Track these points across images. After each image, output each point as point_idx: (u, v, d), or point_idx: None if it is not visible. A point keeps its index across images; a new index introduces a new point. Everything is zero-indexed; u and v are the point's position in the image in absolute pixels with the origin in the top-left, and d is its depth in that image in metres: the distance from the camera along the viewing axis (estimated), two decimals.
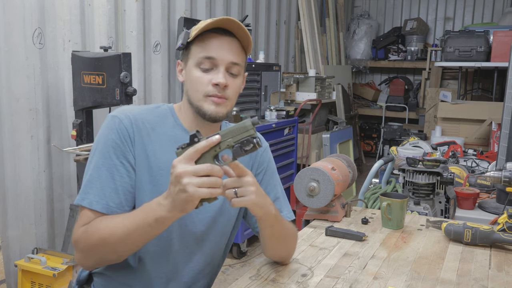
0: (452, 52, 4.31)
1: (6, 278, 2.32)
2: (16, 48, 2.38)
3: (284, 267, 1.26)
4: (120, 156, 1.08)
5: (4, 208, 2.41)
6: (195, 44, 1.12)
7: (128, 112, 1.12)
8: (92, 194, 1.06)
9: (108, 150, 1.08)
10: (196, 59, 1.11)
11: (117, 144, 1.08)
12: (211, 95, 1.10)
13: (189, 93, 1.13)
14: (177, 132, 1.15)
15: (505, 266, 1.27)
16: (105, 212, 1.06)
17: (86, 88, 2.42)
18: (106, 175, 1.07)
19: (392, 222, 1.54)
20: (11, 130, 2.39)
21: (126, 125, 1.10)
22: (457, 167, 2.54)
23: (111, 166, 1.07)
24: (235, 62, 1.11)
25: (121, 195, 1.08)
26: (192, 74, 1.11)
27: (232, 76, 1.12)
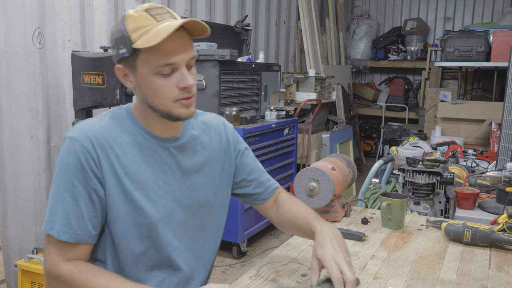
0: (452, 52, 4.31)
1: (6, 278, 2.32)
2: (16, 48, 2.38)
3: (284, 267, 1.26)
4: (83, 181, 1.03)
5: (4, 208, 2.41)
6: (144, 51, 1.01)
7: (87, 131, 1.05)
8: (58, 224, 1.02)
9: (70, 176, 1.03)
10: (152, 68, 1.01)
11: (78, 169, 1.03)
12: (180, 99, 1.04)
13: (151, 100, 1.05)
14: (138, 136, 1.10)
15: (505, 266, 1.27)
16: (73, 241, 1.03)
17: (86, 88, 2.42)
18: (70, 202, 1.02)
19: (392, 222, 1.54)
20: (11, 130, 2.39)
21: (87, 148, 1.03)
22: (457, 167, 2.54)
23: (75, 193, 1.03)
24: (193, 57, 1.06)
25: (87, 222, 1.04)
26: (151, 82, 1.03)
27: (191, 69, 1.07)
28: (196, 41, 3.26)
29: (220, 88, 3.09)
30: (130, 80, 1.07)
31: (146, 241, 1.10)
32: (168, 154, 1.13)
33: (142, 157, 1.09)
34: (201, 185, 1.18)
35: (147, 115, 1.10)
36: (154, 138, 1.11)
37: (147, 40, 0.98)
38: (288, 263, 1.28)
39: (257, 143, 3.23)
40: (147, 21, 0.99)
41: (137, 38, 0.99)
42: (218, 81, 3.07)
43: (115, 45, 1.04)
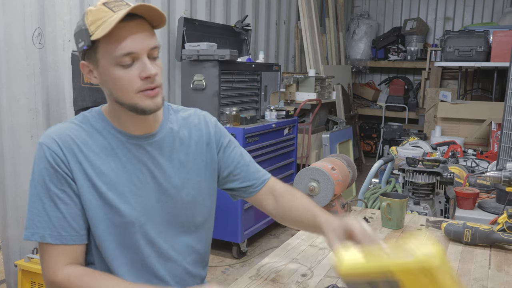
0: (452, 52, 4.31)
1: (6, 278, 2.32)
2: (16, 48, 2.38)
3: (284, 267, 1.26)
4: (57, 183, 1.03)
5: (4, 208, 2.41)
6: (102, 42, 1.00)
7: (54, 135, 1.05)
8: (41, 228, 1.02)
9: (44, 180, 1.03)
10: (112, 59, 1.00)
11: (51, 173, 1.03)
12: (143, 90, 1.02)
13: (116, 94, 1.04)
14: (109, 136, 1.09)
15: (505, 266, 1.27)
16: (59, 243, 1.03)
17: (86, 88, 2.42)
18: (50, 205, 1.03)
19: (392, 222, 1.54)
20: (11, 130, 2.39)
21: (55, 150, 1.04)
22: (457, 167, 2.54)
23: (52, 195, 1.03)
24: (154, 46, 1.03)
25: (71, 222, 1.04)
26: (113, 74, 1.01)
27: (155, 59, 1.04)
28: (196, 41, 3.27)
29: (220, 88, 3.09)
30: (95, 75, 1.06)
31: (125, 242, 1.09)
32: (143, 152, 1.11)
33: (115, 157, 1.08)
34: (183, 182, 1.15)
35: (117, 112, 1.08)
36: (126, 136, 1.10)
37: (102, 30, 0.98)
38: (288, 263, 1.28)
39: (257, 143, 3.23)
40: (103, 13, 0.99)
41: (94, 30, 0.99)
42: (218, 81, 3.07)
43: (76, 41, 1.05)
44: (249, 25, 4.00)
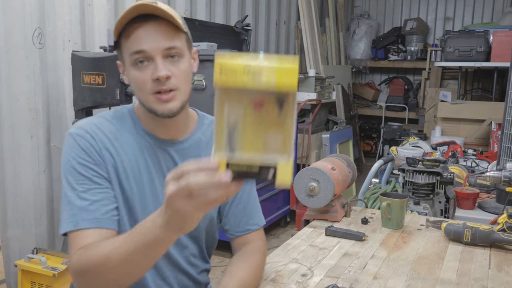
0: (452, 52, 4.31)
1: (6, 278, 2.32)
2: (16, 48, 2.38)
3: (284, 267, 1.26)
4: (91, 170, 1.02)
5: (4, 208, 2.41)
6: (123, 40, 1.01)
7: (86, 127, 1.05)
8: (76, 216, 0.99)
9: (77, 168, 1.01)
10: (129, 58, 1.00)
11: (85, 160, 1.02)
12: (156, 92, 1.00)
13: (137, 94, 1.04)
14: (138, 136, 1.08)
15: (505, 266, 1.27)
16: (94, 226, 0.98)
17: (86, 88, 2.42)
18: (84, 193, 1.00)
19: (392, 222, 1.54)
20: (11, 130, 2.40)
21: (88, 139, 1.03)
22: (457, 167, 2.54)
23: (86, 182, 1.01)
24: (170, 47, 0.99)
25: (106, 205, 1.01)
26: (131, 74, 1.02)
27: (174, 61, 1.01)
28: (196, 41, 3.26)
29: None
30: (125, 75, 1.06)
31: None
32: (168, 157, 1.10)
33: (142, 158, 1.07)
34: None
35: (145, 113, 1.08)
36: (153, 139, 1.09)
37: (116, 30, 0.99)
38: (288, 263, 1.28)
39: None
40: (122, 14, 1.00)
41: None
42: None
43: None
44: (249, 25, 4.00)
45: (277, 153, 0.65)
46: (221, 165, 0.65)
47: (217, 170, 0.65)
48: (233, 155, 0.65)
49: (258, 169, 0.65)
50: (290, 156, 0.65)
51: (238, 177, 0.66)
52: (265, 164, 0.64)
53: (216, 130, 0.65)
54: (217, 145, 0.65)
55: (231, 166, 0.65)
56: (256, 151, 0.65)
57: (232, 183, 0.65)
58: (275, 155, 0.65)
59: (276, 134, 0.65)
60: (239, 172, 0.65)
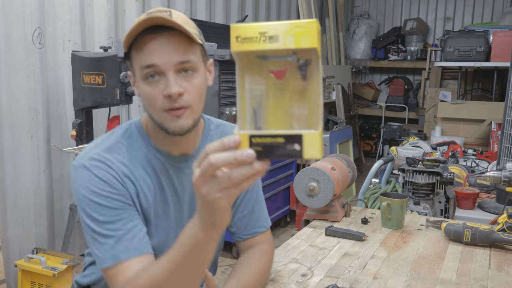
0: (452, 52, 4.31)
1: (6, 278, 2.32)
2: (16, 48, 2.38)
3: (284, 267, 1.26)
4: (117, 201, 0.96)
5: (4, 208, 2.41)
6: (133, 51, 0.95)
7: (99, 157, 0.99)
8: (114, 249, 0.93)
9: (101, 201, 0.95)
10: (139, 71, 0.95)
11: (109, 192, 0.96)
12: (167, 109, 0.94)
13: (147, 109, 0.99)
14: (150, 155, 1.03)
15: (505, 266, 1.27)
16: (135, 254, 0.93)
17: (86, 88, 2.42)
18: (115, 224, 0.95)
19: (392, 222, 1.54)
20: (11, 130, 2.40)
21: (107, 170, 0.97)
22: (457, 167, 2.54)
23: (114, 213, 0.95)
24: (183, 61, 0.93)
25: (140, 231, 0.97)
26: (141, 89, 0.96)
27: (188, 76, 0.95)
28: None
29: (220, 88, 3.09)
30: (135, 87, 1.01)
31: None
32: (181, 175, 1.06)
33: (156, 178, 1.03)
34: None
35: (155, 128, 1.02)
36: (165, 157, 1.04)
37: (126, 41, 0.95)
38: (288, 263, 1.28)
39: None
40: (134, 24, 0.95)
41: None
42: (218, 81, 3.06)
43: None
44: None
45: (303, 127, 0.61)
46: (243, 140, 0.61)
47: (239, 147, 0.61)
48: (257, 131, 0.62)
49: (283, 140, 0.60)
50: (318, 129, 0.60)
51: (264, 154, 0.61)
52: (290, 134, 0.60)
53: (239, 107, 0.62)
54: (241, 123, 0.63)
55: (254, 141, 0.61)
56: (282, 126, 0.62)
57: (257, 161, 0.61)
58: (301, 129, 0.61)
59: (301, 105, 0.61)
60: (264, 146, 0.60)
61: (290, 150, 0.60)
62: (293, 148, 0.60)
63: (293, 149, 0.60)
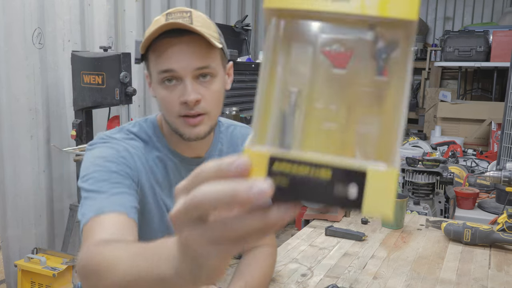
0: (452, 52, 4.31)
1: (6, 278, 2.32)
2: (16, 48, 2.38)
3: (284, 267, 1.26)
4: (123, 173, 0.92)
5: (4, 208, 2.41)
6: (151, 54, 0.93)
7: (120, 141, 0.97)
8: (100, 203, 0.87)
9: (110, 166, 0.91)
10: (156, 75, 0.93)
11: (122, 163, 0.93)
12: (183, 115, 0.92)
13: (163, 112, 0.98)
14: (163, 156, 1.01)
15: (505, 266, 1.27)
16: (117, 209, 0.85)
17: (86, 88, 2.42)
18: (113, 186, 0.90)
19: (392, 222, 1.54)
20: (10, 130, 2.39)
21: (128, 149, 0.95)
22: (456, 167, 2.54)
23: (116, 177, 0.91)
24: (201, 67, 0.91)
25: (132, 201, 0.90)
26: (158, 93, 0.94)
27: (206, 81, 0.93)
28: None
29: None
30: (152, 87, 0.98)
31: None
32: None
33: (166, 176, 1.02)
34: None
35: (169, 131, 1.00)
36: (178, 158, 1.02)
37: (143, 45, 0.93)
38: (288, 263, 1.28)
39: None
40: (153, 26, 0.92)
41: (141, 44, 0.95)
42: None
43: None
44: (249, 25, 4.00)
45: (368, 157, 0.35)
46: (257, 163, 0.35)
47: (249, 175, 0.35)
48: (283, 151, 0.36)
49: (329, 175, 0.34)
50: (394, 164, 0.34)
51: (290, 193, 0.35)
52: (345, 166, 0.34)
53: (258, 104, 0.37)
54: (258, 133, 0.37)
55: (276, 168, 0.35)
56: (329, 150, 0.36)
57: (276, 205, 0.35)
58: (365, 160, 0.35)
59: (370, 119, 0.36)
60: (293, 178, 0.35)
61: (339, 195, 0.34)
62: (345, 192, 0.34)
63: (345, 195, 0.34)
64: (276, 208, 0.35)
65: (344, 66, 0.36)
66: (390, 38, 0.36)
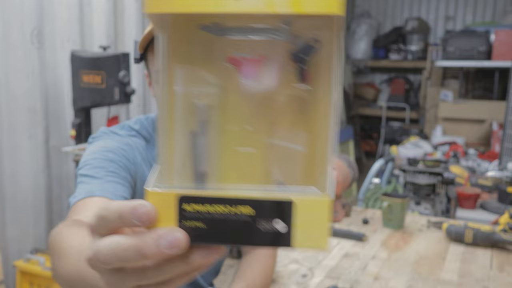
0: (453, 51, 4.29)
1: (4, 278, 2.31)
2: (15, 47, 2.37)
3: (284, 267, 1.25)
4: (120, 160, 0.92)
5: (2, 209, 2.40)
6: (149, 53, 0.94)
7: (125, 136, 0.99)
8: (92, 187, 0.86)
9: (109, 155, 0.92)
10: (154, 74, 0.94)
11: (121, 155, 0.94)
12: None
13: None
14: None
15: (507, 267, 1.26)
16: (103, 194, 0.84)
17: (85, 88, 2.41)
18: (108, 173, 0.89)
19: (393, 222, 1.53)
20: (9, 129, 2.39)
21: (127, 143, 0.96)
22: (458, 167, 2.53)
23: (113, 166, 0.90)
24: None
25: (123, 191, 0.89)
26: (156, 92, 0.95)
27: None
28: None
29: None
30: (151, 87, 0.98)
31: None
32: None
33: None
34: None
35: None
36: None
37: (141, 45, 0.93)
38: (288, 263, 1.27)
39: None
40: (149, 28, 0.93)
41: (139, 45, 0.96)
42: None
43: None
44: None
45: (295, 184, 0.31)
46: (163, 208, 0.31)
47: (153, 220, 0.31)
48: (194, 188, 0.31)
49: (251, 212, 0.29)
50: (325, 190, 0.30)
51: (209, 235, 0.31)
52: (268, 199, 0.29)
53: (159, 132, 0.32)
54: (164, 164, 0.32)
55: (188, 209, 0.30)
56: (249, 180, 0.32)
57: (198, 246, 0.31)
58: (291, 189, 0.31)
59: (293, 137, 0.31)
60: (210, 220, 0.30)
61: (266, 232, 0.30)
62: (271, 228, 0.30)
63: (272, 231, 0.30)
64: (197, 252, 0.31)
65: (255, 75, 0.30)
66: (309, 38, 0.30)
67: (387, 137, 5.57)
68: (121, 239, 0.33)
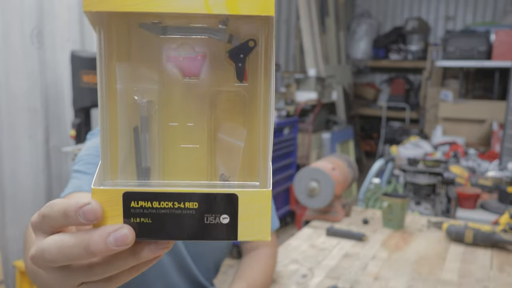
0: (453, 51, 4.29)
1: (4, 279, 2.31)
2: (15, 47, 2.37)
3: (284, 267, 1.25)
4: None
5: (2, 209, 2.40)
6: None
7: None
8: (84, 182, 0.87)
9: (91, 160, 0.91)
10: None
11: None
12: None
13: None
14: None
15: (507, 267, 1.26)
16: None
17: (85, 88, 2.41)
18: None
19: (393, 222, 1.53)
20: (9, 129, 2.38)
21: None
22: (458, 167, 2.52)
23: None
24: None
25: None
26: None
27: None
28: None
29: None
30: None
31: None
32: None
33: None
34: None
35: None
36: None
37: None
38: (288, 263, 1.27)
39: None
40: None
41: None
42: None
43: None
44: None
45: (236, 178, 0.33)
46: (108, 206, 0.31)
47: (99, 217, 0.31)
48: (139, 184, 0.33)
49: (195, 205, 0.31)
50: (266, 183, 0.32)
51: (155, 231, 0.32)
52: (211, 192, 0.31)
53: (101, 131, 0.33)
54: (106, 167, 0.34)
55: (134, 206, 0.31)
56: (192, 176, 0.33)
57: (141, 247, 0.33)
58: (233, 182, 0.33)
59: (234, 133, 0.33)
60: (156, 216, 0.31)
61: (211, 226, 0.31)
62: (216, 221, 0.31)
63: (216, 224, 0.31)
64: (145, 247, 0.32)
65: (196, 74, 0.31)
66: (245, 37, 0.31)
67: (387, 137, 5.56)
68: (67, 237, 0.33)
